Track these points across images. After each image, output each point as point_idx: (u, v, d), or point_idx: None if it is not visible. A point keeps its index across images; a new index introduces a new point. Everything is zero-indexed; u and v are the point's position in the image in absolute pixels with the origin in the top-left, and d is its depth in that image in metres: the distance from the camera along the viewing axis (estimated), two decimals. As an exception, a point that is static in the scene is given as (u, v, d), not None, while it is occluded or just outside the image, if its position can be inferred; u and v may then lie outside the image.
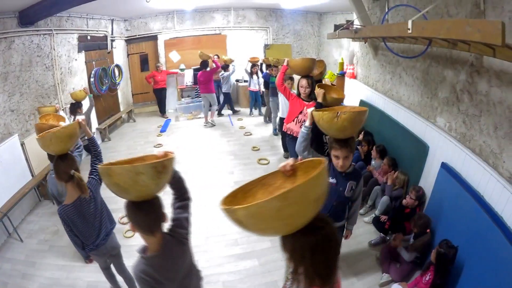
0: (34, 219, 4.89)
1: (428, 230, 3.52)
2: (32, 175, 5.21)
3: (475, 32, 1.90)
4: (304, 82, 4.38)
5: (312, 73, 4.95)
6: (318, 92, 3.82)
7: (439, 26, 2.32)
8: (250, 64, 9.00)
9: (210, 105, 8.82)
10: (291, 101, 4.56)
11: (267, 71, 7.95)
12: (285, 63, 4.55)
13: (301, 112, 4.40)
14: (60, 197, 3.40)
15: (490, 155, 2.94)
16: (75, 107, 5.41)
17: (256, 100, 9.47)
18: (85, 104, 5.71)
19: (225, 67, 9.28)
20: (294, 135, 4.47)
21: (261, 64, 9.00)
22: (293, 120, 4.51)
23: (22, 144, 5.05)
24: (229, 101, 9.87)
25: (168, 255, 1.82)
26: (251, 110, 9.70)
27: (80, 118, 2.77)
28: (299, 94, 4.50)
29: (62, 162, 2.47)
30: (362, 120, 2.52)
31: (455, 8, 3.22)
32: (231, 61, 9.25)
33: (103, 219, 2.76)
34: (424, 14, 3.02)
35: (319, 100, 3.81)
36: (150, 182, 1.60)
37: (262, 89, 8.89)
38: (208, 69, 8.40)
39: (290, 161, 1.49)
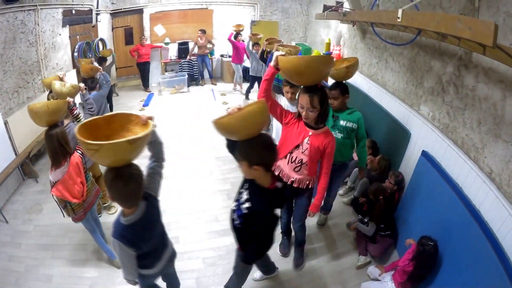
0: (19, 198, 4.83)
1: (381, 197, 3.68)
2: (16, 154, 5.08)
3: (465, 29, 1.89)
4: (305, 100, 2.60)
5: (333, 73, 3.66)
6: None
7: (429, 19, 2.29)
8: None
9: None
10: (285, 126, 2.92)
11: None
12: (272, 62, 2.61)
13: (297, 147, 2.84)
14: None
15: (472, 148, 2.98)
16: (101, 61, 6.93)
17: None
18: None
19: (255, 44, 8.03)
20: (284, 179, 2.95)
21: (263, 52, 7.17)
22: (285, 156, 2.94)
23: (6, 123, 4.89)
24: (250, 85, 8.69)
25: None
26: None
27: (60, 73, 4.34)
28: (300, 115, 2.82)
29: (50, 93, 4.32)
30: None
31: (449, 1, 3.18)
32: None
33: None
34: (416, 4, 3.01)
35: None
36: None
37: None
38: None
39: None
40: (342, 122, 3.53)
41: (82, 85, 4.13)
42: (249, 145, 2.05)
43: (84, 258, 3.71)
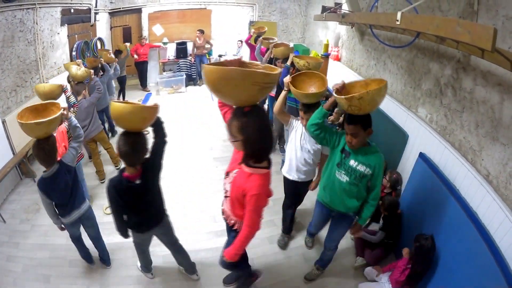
0: (16, 198, 4.83)
1: (399, 211, 3.65)
2: (13, 153, 5.05)
3: (465, 33, 1.90)
4: (227, 123, 2.21)
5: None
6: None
7: (429, 22, 2.30)
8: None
9: None
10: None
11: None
12: None
13: (228, 174, 2.45)
14: None
15: (469, 151, 3.00)
16: (117, 53, 7.72)
17: None
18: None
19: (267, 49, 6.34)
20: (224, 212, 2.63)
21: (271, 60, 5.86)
22: (227, 174, 2.45)
23: (3, 122, 4.85)
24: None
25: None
26: None
27: (78, 61, 5.44)
28: None
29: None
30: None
31: (448, 4, 3.19)
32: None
33: None
34: (415, 7, 3.02)
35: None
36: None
37: None
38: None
39: None
40: (352, 162, 2.67)
41: (91, 71, 5.14)
42: (123, 133, 2.39)
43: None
